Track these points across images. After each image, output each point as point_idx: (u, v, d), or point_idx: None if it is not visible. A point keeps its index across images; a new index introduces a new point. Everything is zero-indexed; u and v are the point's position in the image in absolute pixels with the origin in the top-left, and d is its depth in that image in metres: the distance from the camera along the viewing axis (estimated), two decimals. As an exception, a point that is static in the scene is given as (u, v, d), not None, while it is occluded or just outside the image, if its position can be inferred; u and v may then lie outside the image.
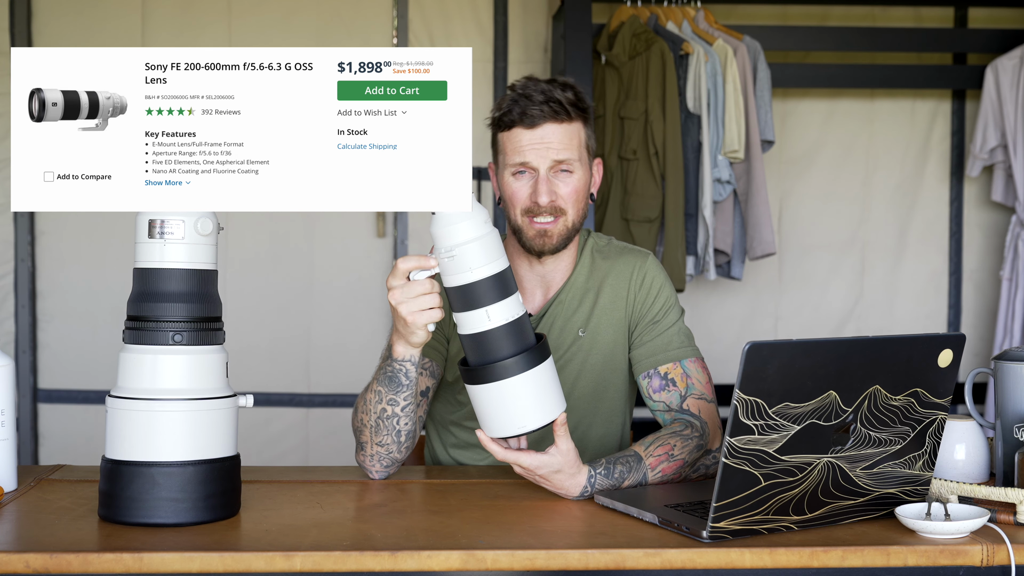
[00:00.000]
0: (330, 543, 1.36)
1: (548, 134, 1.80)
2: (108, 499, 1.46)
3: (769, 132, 3.57)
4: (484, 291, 1.50)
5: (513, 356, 1.51)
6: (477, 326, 1.52)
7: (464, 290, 1.51)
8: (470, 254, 1.50)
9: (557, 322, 1.91)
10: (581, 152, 1.84)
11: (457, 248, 1.50)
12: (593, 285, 1.92)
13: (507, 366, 1.51)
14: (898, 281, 4.08)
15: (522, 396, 1.52)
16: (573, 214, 1.85)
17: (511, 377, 1.51)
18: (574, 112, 1.82)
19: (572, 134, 1.82)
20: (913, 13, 3.98)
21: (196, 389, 1.46)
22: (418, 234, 3.87)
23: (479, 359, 1.53)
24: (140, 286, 1.48)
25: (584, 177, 1.85)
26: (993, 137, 3.72)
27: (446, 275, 1.53)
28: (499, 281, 1.51)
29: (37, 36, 3.75)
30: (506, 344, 1.51)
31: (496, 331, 1.51)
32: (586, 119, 1.85)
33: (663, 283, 1.92)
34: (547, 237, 1.84)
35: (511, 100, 1.81)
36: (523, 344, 1.52)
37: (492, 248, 1.52)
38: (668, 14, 3.60)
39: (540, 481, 1.61)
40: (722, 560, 1.36)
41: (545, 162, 1.80)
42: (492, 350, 1.52)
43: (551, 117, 1.80)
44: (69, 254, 3.81)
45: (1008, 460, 1.68)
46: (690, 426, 1.79)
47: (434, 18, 3.84)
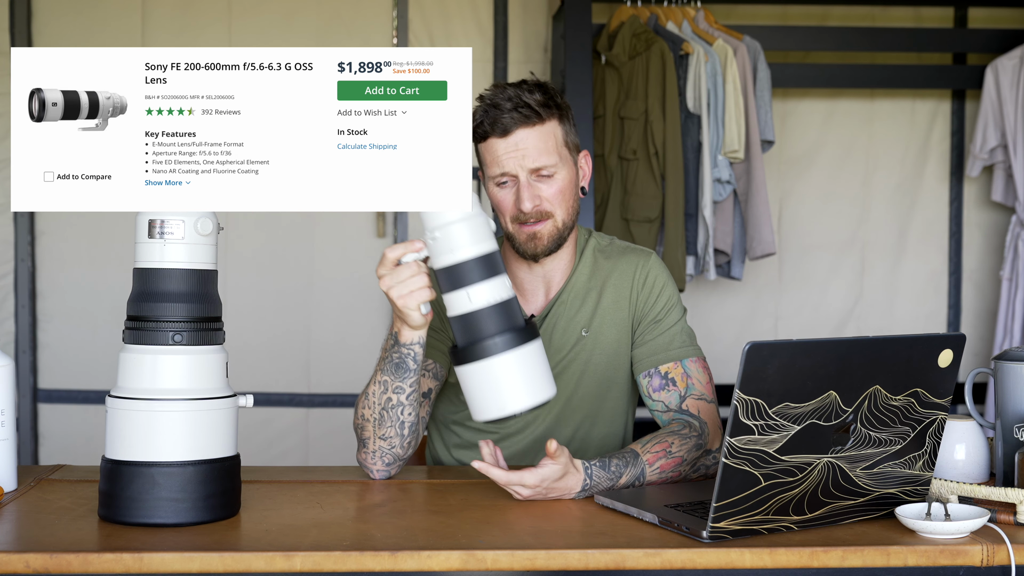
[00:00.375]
0: (330, 543, 1.36)
1: (522, 140, 1.79)
2: (108, 499, 1.46)
3: (769, 132, 3.57)
4: (468, 271, 1.51)
5: (498, 335, 1.50)
6: (463, 307, 1.52)
7: (450, 271, 1.51)
8: (454, 234, 1.50)
9: (560, 322, 1.91)
10: (560, 151, 1.83)
11: (441, 229, 1.51)
12: (596, 285, 1.92)
13: (493, 344, 1.50)
14: (898, 281, 4.08)
15: (508, 376, 1.51)
16: (562, 214, 1.84)
17: (496, 355, 1.50)
18: (545, 112, 1.80)
19: (546, 135, 1.81)
20: (913, 13, 3.98)
21: (196, 389, 1.46)
22: (418, 234, 3.85)
23: (466, 340, 1.53)
24: (140, 286, 1.48)
25: (568, 175, 1.84)
26: (993, 137, 3.72)
27: (433, 256, 1.53)
28: (484, 262, 1.51)
29: (37, 36, 3.75)
30: (492, 324, 1.51)
31: (482, 312, 1.51)
32: (561, 115, 1.83)
33: (666, 282, 1.93)
34: (538, 240, 1.84)
35: (482, 111, 1.81)
36: (510, 325, 1.52)
37: (478, 229, 1.52)
38: (668, 14, 3.60)
39: (544, 495, 1.61)
40: (722, 560, 1.36)
41: (523, 169, 1.80)
42: (478, 330, 1.51)
43: (522, 122, 1.79)
44: (69, 254, 3.81)
45: (1008, 460, 1.68)
46: (688, 426, 1.79)
47: (434, 18, 3.84)
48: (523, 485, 1.58)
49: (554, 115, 1.82)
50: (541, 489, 1.59)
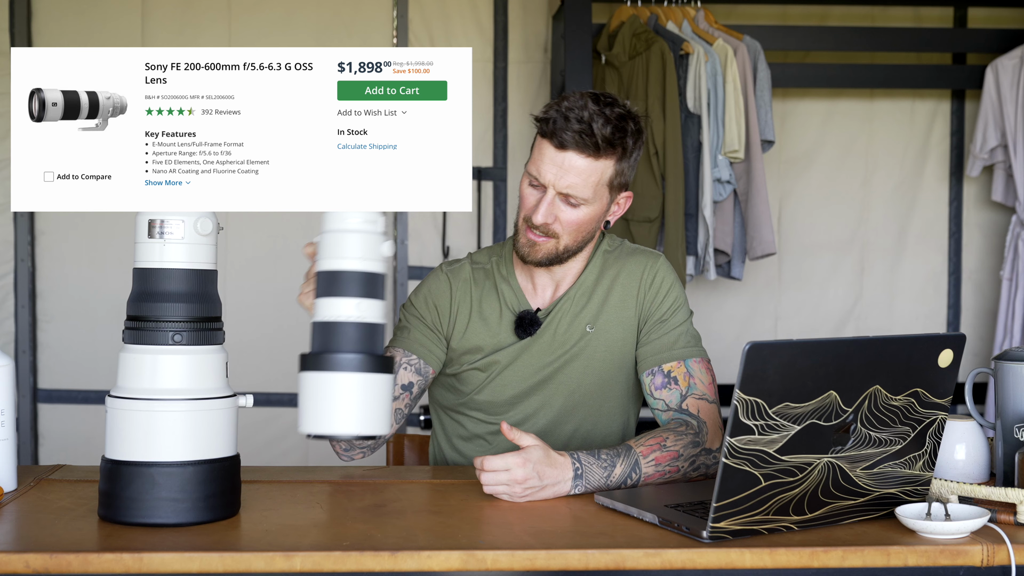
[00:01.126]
0: (330, 543, 1.36)
1: (570, 161, 1.77)
2: (108, 499, 1.46)
3: (769, 132, 3.57)
4: (347, 282, 1.45)
5: (355, 354, 1.45)
6: (330, 315, 1.46)
7: (329, 276, 1.46)
8: (345, 243, 1.46)
9: (564, 317, 1.92)
10: (599, 189, 1.80)
11: (334, 233, 1.46)
12: (604, 283, 1.93)
13: (346, 360, 1.44)
14: (897, 281, 4.08)
15: (350, 397, 1.44)
16: (568, 240, 1.84)
17: (346, 372, 1.44)
18: (605, 150, 1.77)
19: (595, 171, 1.78)
20: (912, 13, 3.98)
21: (196, 389, 1.46)
22: (418, 234, 3.87)
23: (321, 348, 1.46)
24: (140, 286, 1.48)
25: (594, 211, 1.83)
26: (993, 137, 3.72)
27: (319, 257, 1.48)
28: (366, 279, 1.46)
29: (37, 36, 3.75)
30: (352, 341, 1.45)
31: (347, 326, 1.45)
32: (623, 154, 1.80)
33: (673, 283, 1.93)
34: (534, 249, 1.84)
35: (555, 111, 1.78)
36: (369, 348, 1.46)
37: (370, 246, 1.47)
38: (668, 14, 3.60)
39: (532, 492, 1.60)
40: (722, 560, 1.36)
41: (555, 186, 1.79)
42: (337, 342, 1.45)
43: (578, 147, 1.76)
44: (69, 254, 3.81)
45: (1008, 460, 1.68)
46: (685, 424, 1.79)
47: (434, 18, 3.84)
48: (513, 467, 1.58)
49: (614, 154, 1.79)
50: (529, 473, 1.58)
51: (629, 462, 1.68)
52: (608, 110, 1.77)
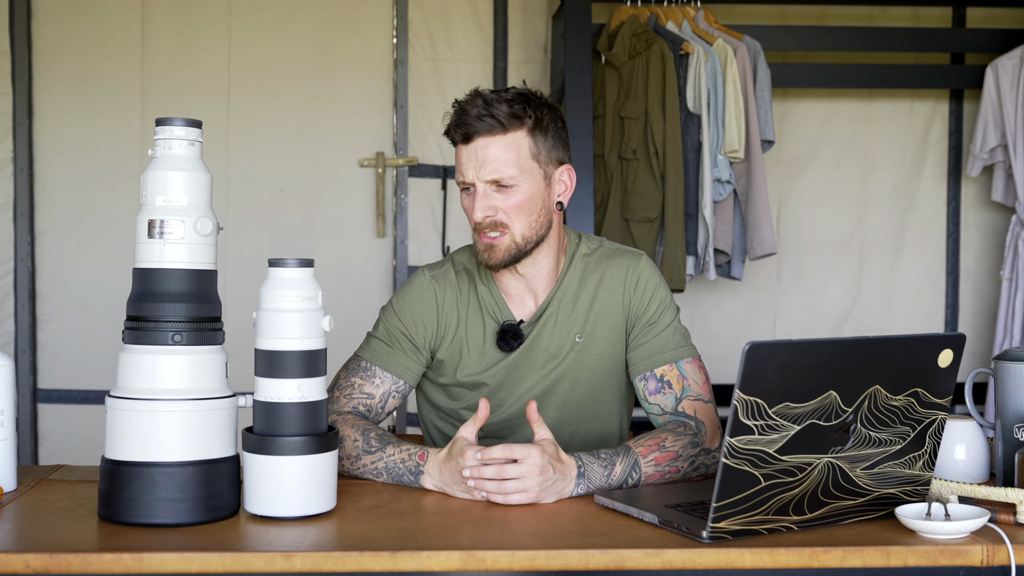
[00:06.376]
0: (330, 543, 1.36)
1: (482, 148, 1.77)
2: (108, 499, 1.46)
3: (769, 132, 3.57)
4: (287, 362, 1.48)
5: (299, 436, 1.47)
6: (273, 396, 1.48)
7: (271, 356, 1.48)
8: (286, 323, 1.48)
9: (551, 328, 1.89)
10: (525, 163, 1.78)
11: (273, 313, 1.48)
12: (587, 289, 1.91)
13: (291, 443, 1.46)
14: (896, 281, 4.08)
15: (295, 480, 1.46)
16: (521, 227, 1.80)
17: (291, 456, 1.46)
18: (510, 123, 1.76)
19: (509, 147, 1.77)
20: (912, 13, 3.98)
21: (196, 389, 1.46)
22: (418, 234, 3.87)
23: (265, 429, 1.49)
24: (140, 286, 1.48)
25: (531, 189, 1.80)
26: (993, 137, 3.72)
27: (258, 335, 1.50)
28: (308, 358, 1.48)
29: (37, 36, 3.75)
30: (296, 423, 1.47)
31: (290, 406, 1.47)
32: (536, 126, 1.79)
33: (657, 284, 1.92)
34: (492, 251, 1.81)
35: (452, 116, 1.79)
36: (314, 429, 1.49)
37: (311, 324, 1.49)
38: (668, 14, 3.60)
39: (545, 486, 1.59)
40: (722, 560, 1.36)
41: (480, 179, 1.78)
42: (280, 424, 1.47)
43: (484, 131, 1.76)
44: (69, 254, 3.81)
45: (1008, 460, 1.69)
46: (683, 425, 1.79)
47: (434, 18, 3.84)
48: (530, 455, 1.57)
49: (523, 126, 1.78)
50: (537, 465, 1.57)
51: (628, 461, 1.67)
52: (504, 93, 1.79)
